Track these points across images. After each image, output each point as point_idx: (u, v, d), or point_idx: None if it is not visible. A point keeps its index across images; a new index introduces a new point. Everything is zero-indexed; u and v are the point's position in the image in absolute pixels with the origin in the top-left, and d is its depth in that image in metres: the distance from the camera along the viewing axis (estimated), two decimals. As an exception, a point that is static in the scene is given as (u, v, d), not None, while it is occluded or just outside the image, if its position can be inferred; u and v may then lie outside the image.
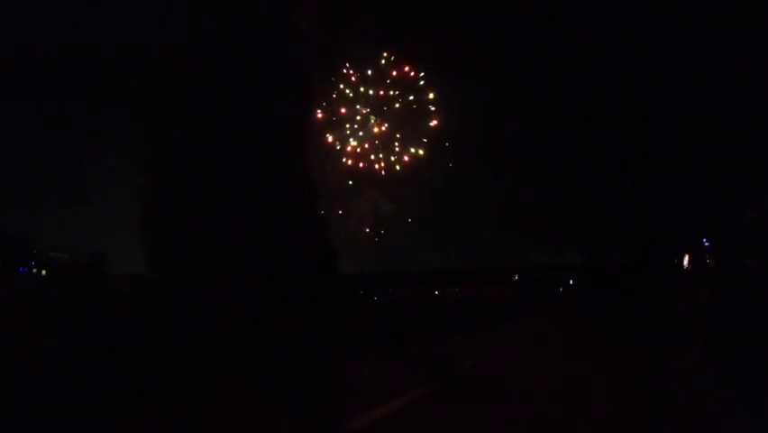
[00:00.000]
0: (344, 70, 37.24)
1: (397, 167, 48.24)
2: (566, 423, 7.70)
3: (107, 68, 4.06)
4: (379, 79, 40.60)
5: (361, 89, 39.30)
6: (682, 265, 33.32)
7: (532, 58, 17.93)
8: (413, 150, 48.76)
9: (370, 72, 37.54)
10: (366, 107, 44.88)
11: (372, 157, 46.24)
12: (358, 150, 46.23)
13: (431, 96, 37.11)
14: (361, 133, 45.28)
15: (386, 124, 43.08)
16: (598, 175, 23.76)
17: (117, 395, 7.51)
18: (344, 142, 43.92)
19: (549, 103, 19.21)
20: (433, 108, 38.20)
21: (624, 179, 22.75)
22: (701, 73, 15.31)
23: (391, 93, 41.17)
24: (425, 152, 43.14)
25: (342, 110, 43.20)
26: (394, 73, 39.79)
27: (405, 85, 40.06)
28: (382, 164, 46.81)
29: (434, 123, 38.80)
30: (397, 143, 44.80)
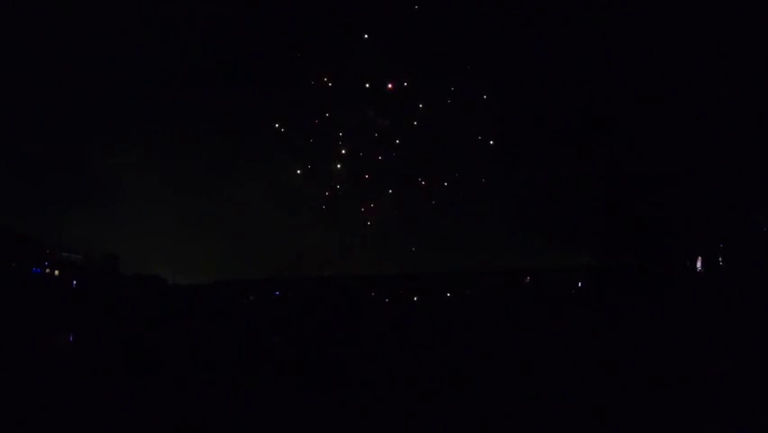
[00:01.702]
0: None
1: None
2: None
3: None
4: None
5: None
6: (695, 267, 33.17)
7: (543, 59, 17.87)
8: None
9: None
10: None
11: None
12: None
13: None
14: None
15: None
16: (609, 177, 23.64)
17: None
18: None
19: (560, 104, 19.14)
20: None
21: (637, 182, 22.63)
22: (712, 76, 15.22)
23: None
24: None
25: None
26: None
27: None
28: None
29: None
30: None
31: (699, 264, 32.62)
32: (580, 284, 42.77)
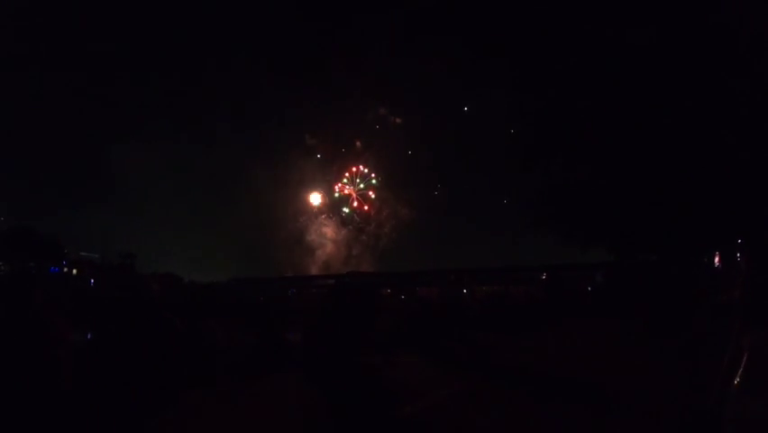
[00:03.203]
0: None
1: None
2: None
3: None
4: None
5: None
6: (713, 263, 32.94)
7: (561, 53, 17.71)
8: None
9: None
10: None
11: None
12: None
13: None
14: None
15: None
16: (627, 172, 23.51)
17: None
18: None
19: (576, 99, 19.04)
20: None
21: (655, 176, 22.48)
22: (734, 70, 15.04)
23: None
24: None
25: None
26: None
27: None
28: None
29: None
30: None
31: (716, 261, 32.43)
32: (597, 280, 42.68)
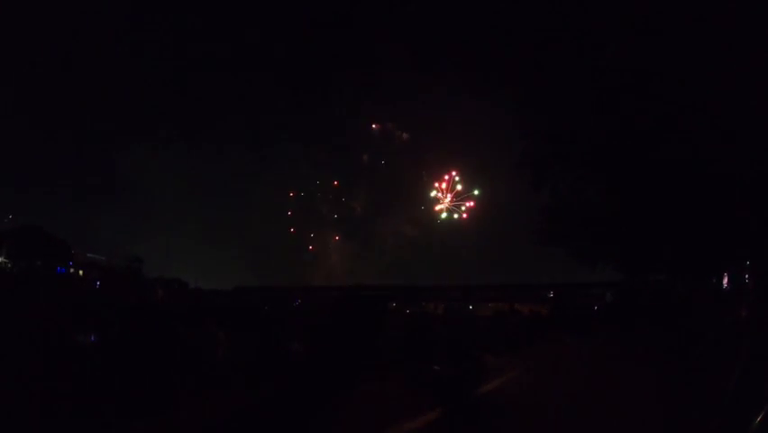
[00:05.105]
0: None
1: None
2: None
3: None
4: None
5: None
6: (721, 284, 32.79)
7: (573, 71, 17.65)
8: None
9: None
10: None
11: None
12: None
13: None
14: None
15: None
16: (637, 191, 23.42)
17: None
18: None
19: (587, 117, 18.98)
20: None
21: (665, 196, 22.39)
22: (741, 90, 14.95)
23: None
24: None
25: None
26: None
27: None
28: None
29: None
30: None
31: (725, 282, 32.29)
32: (606, 299, 42.56)
